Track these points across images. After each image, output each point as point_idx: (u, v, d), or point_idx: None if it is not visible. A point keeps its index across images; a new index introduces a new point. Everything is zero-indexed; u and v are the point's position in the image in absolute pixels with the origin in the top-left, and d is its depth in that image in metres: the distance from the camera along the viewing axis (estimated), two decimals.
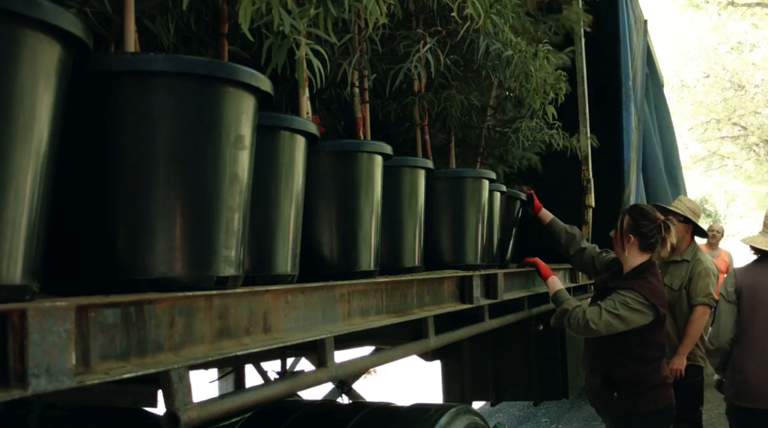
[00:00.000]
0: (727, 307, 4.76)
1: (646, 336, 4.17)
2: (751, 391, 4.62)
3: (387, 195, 2.96)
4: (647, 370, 4.22)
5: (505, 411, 10.24)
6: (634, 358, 4.21)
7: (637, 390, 4.22)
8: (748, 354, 4.64)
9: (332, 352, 2.35)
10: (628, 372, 4.22)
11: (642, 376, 4.22)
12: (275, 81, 2.10)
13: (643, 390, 4.21)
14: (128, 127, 1.69)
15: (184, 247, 1.72)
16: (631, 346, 4.19)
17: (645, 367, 4.21)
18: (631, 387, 4.22)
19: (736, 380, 4.62)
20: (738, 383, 4.65)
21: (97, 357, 1.45)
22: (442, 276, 3.24)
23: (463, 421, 3.42)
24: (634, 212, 4.27)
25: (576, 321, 4.08)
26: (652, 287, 4.15)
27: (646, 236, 4.19)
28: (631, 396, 4.22)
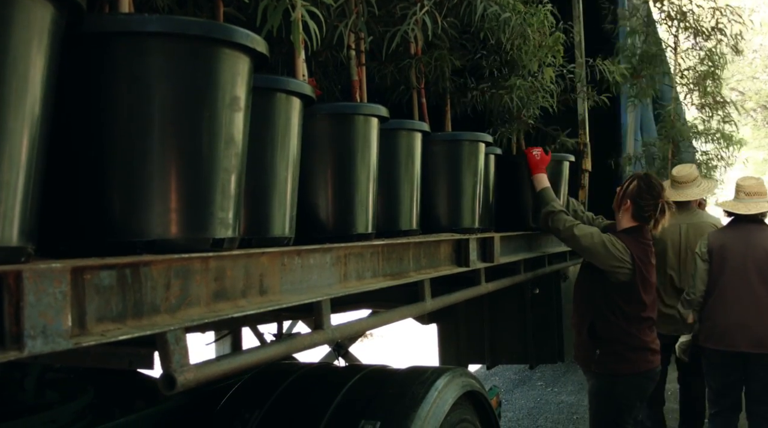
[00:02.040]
0: (701, 265, 5.49)
1: (632, 293, 4.23)
2: (718, 335, 5.38)
3: (383, 158, 2.95)
4: (631, 329, 4.25)
5: (500, 374, 10.31)
6: (619, 313, 4.26)
7: (618, 349, 4.27)
8: (717, 305, 5.36)
9: (329, 315, 2.35)
10: (612, 328, 4.29)
11: (625, 335, 4.25)
12: (271, 43, 2.09)
13: (624, 350, 4.25)
14: (123, 88, 1.67)
15: (180, 209, 1.71)
16: (616, 299, 4.26)
17: (630, 326, 4.25)
18: (613, 344, 4.29)
19: (707, 326, 5.32)
20: (708, 329, 5.38)
21: (93, 318, 1.46)
22: (438, 239, 3.24)
23: (459, 384, 3.44)
24: (642, 182, 4.31)
25: (561, 224, 4.36)
26: (634, 242, 4.22)
27: (642, 209, 4.26)
28: (612, 354, 4.28)
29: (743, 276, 5.39)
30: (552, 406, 8.80)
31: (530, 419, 8.28)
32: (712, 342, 5.36)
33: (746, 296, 5.36)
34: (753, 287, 5.38)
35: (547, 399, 9.14)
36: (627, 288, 4.21)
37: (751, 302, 5.36)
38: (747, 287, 5.38)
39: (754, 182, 5.65)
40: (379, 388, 3.27)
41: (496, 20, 3.65)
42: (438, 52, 3.82)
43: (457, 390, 3.38)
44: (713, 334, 5.36)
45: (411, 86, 3.73)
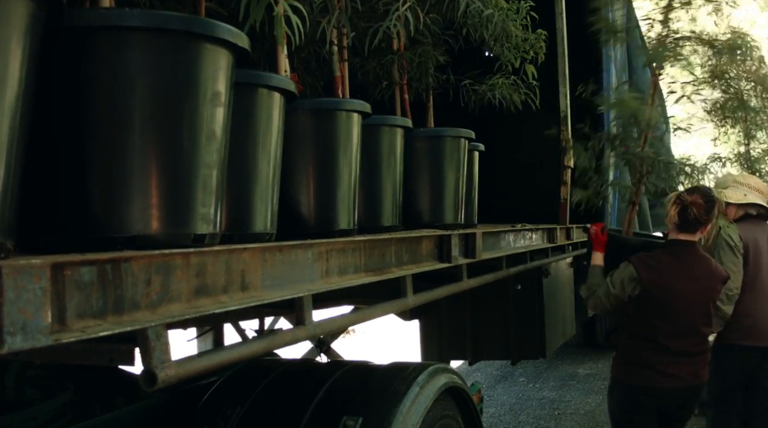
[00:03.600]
0: (738, 258, 5.18)
1: (639, 313, 4.17)
2: (759, 332, 5.18)
3: (365, 154, 2.95)
4: (632, 344, 4.22)
5: (482, 370, 10.32)
6: (627, 330, 4.25)
7: (619, 357, 4.28)
8: (756, 302, 5.13)
9: (310, 310, 2.34)
10: (620, 341, 4.30)
11: (630, 349, 4.22)
12: (253, 38, 2.08)
13: (626, 359, 4.24)
14: (103, 83, 1.67)
15: (161, 204, 1.71)
16: (625, 319, 4.26)
17: (635, 343, 4.20)
18: (619, 352, 4.33)
19: (746, 324, 5.00)
20: (747, 326, 5.08)
21: (74, 315, 1.44)
22: (420, 235, 3.24)
23: (441, 380, 3.44)
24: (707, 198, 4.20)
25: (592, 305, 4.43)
26: (650, 261, 4.18)
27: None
28: (615, 361, 4.32)
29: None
30: (534, 402, 8.83)
31: (512, 415, 8.30)
32: (752, 339, 5.19)
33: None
34: None
35: (529, 395, 9.16)
36: (635, 308, 4.19)
37: None
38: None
39: (758, 180, 5.71)
40: (361, 384, 3.27)
41: (479, 16, 3.65)
42: (421, 48, 3.82)
43: (438, 386, 3.38)
44: (754, 331, 5.19)
45: (393, 82, 3.73)
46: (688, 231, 4.13)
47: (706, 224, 4.14)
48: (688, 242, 4.15)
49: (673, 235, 4.21)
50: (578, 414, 8.26)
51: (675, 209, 4.11)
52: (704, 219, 4.07)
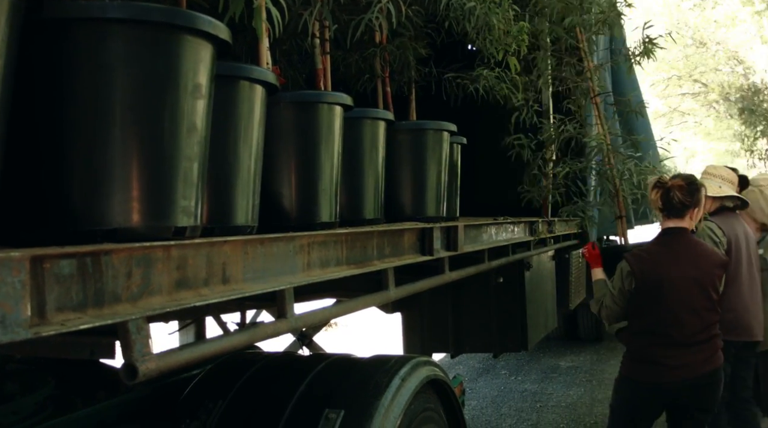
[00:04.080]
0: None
1: (641, 306, 4.20)
2: (743, 327, 5.25)
3: (347, 147, 2.95)
4: (636, 341, 4.24)
5: (464, 363, 10.35)
6: (630, 327, 4.28)
7: (629, 356, 4.29)
8: (738, 297, 5.17)
9: (292, 303, 2.34)
10: (626, 339, 4.35)
11: (635, 346, 4.24)
12: (234, 30, 2.08)
13: (633, 357, 4.25)
14: (83, 75, 1.65)
15: (142, 197, 1.70)
16: (629, 316, 4.30)
17: (639, 339, 4.23)
18: (627, 350, 4.34)
19: (727, 318, 4.90)
20: (730, 321, 5.02)
21: (53, 308, 1.44)
22: (402, 228, 3.24)
23: (423, 372, 3.44)
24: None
25: (603, 316, 4.45)
26: (642, 253, 4.22)
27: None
28: (624, 357, 4.34)
29: (749, 266, 5.47)
30: (516, 394, 8.86)
31: (494, 407, 8.33)
32: (734, 333, 5.19)
33: (753, 285, 5.46)
34: (755, 276, 5.50)
35: (511, 388, 9.19)
36: (634, 302, 4.21)
37: (755, 291, 5.46)
38: (752, 275, 5.48)
39: (730, 171, 5.74)
40: (343, 377, 3.27)
41: (461, 9, 3.65)
42: (403, 41, 3.81)
43: (420, 378, 3.38)
44: (737, 326, 5.25)
45: (375, 75, 3.73)
46: (675, 216, 4.17)
47: (693, 207, 4.16)
48: (678, 228, 4.18)
49: (663, 224, 4.25)
50: (560, 406, 8.29)
51: (656, 193, 4.16)
52: (688, 201, 4.12)
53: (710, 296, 4.14)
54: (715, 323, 4.19)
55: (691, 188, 4.13)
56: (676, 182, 4.15)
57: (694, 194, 4.14)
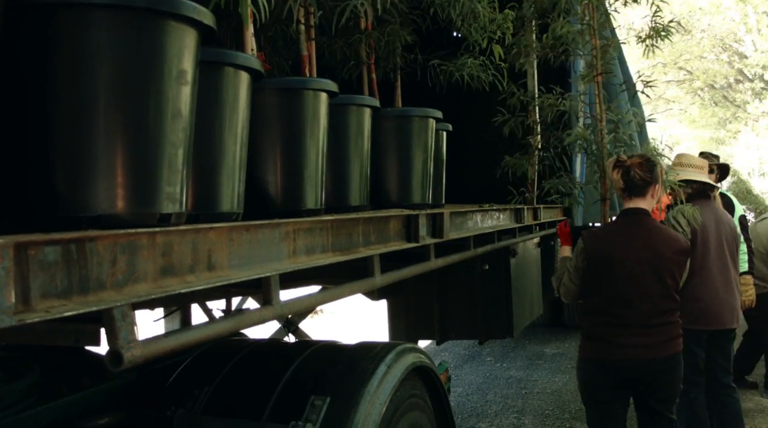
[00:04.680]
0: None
1: (591, 284, 4.24)
2: (711, 315, 5.37)
3: (333, 134, 2.95)
4: (587, 319, 4.28)
5: (450, 349, 10.39)
6: (584, 306, 4.31)
7: (583, 335, 4.34)
8: (704, 285, 5.26)
9: (277, 290, 2.34)
10: (581, 319, 4.40)
11: (587, 325, 4.28)
12: (220, 16, 2.07)
13: (585, 335, 4.29)
14: (67, 61, 1.64)
15: (126, 184, 1.69)
16: (582, 295, 4.33)
17: (590, 317, 4.26)
18: (581, 327, 4.39)
19: (696, 308, 5.09)
20: (698, 309, 5.19)
21: (38, 295, 1.43)
22: (388, 215, 3.25)
23: (408, 359, 3.45)
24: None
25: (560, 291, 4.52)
26: (599, 231, 4.26)
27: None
28: (581, 337, 4.37)
29: (721, 253, 5.53)
30: (501, 381, 8.89)
31: (479, 394, 8.36)
32: (701, 322, 5.32)
33: (725, 273, 5.52)
34: (727, 263, 5.55)
35: (497, 375, 9.23)
36: (585, 279, 4.25)
37: (727, 279, 5.52)
38: (724, 263, 5.53)
39: (697, 157, 5.79)
40: (329, 364, 3.28)
41: None
42: (389, 27, 3.80)
43: (406, 365, 3.39)
44: (704, 315, 5.34)
45: (361, 62, 3.72)
46: (637, 194, 4.21)
47: (653, 183, 4.19)
48: (638, 210, 4.21)
49: (626, 204, 4.27)
50: (545, 392, 8.33)
51: (617, 173, 4.20)
52: (648, 177, 4.17)
53: (665, 282, 4.14)
54: (671, 309, 4.19)
55: (649, 164, 4.20)
56: (634, 160, 4.21)
57: (653, 170, 4.19)
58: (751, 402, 7.71)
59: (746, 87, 32.55)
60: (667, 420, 4.26)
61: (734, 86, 33.62)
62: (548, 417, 7.50)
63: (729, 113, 33.67)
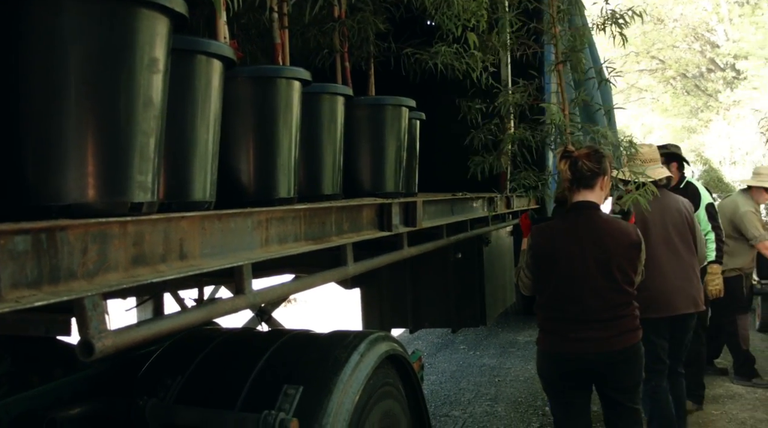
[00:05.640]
0: None
1: (538, 279, 4.27)
2: (661, 303, 5.44)
3: (306, 122, 2.94)
4: (540, 313, 4.31)
5: (423, 338, 10.42)
6: (537, 300, 4.32)
7: (538, 328, 4.36)
8: (652, 274, 5.07)
9: (250, 279, 2.34)
10: (536, 312, 4.38)
11: (540, 318, 4.31)
12: (192, 4, 2.05)
13: (540, 328, 4.32)
14: (36, 48, 1.63)
15: (97, 172, 1.68)
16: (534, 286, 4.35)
17: (542, 311, 4.29)
18: (538, 322, 4.40)
19: (645, 296, 4.91)
20: (647, 298, 5.02)
21: (8, 285, 1.42)
22: (361, 204, 3.25)
23: (382, 348, 3.46)
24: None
25: (518, 282, 4.48)
26: (545, 227, 4.28)
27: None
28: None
29: (669, 241, 5.58)
30: (474, 369, 8.93)
31: (453, 382, 8.39)
32: (653, 310, 5.33)
33: (675, 261, 5.57)
34: (678, 250, 5.61)
35: (470, 362, 9.27)
36: (533, 274, 4.28)
37: (679, 266, 5.58)
38: (674, 251, 5.59)
39: (648, 149, 5.82)
40: (302, 353, 3.28)
41: None
42: (361, 15, 3.79)
43: (379, 353, 3.40)
44: (654, 303, 5.35)
45: (334, 50, 3.71)
46: (585, 186, 4.19)
47: (602, 175, 4.18)
48: (586, 203, 4.19)
49: (574, 197, 4.23)
50: (518, 380, 8.38)
51: (565, 163, 4.17)
52: (597, 168, 4.15)
53: (613, 277, 4.10)
54: (623, 303, 4.16)
55: (597, 155, 4.17)
56: (582, 151, 4.20)
57: (601, 161, 4.17)
58: (721, 388, 7.79)
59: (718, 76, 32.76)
60: (629, 410, 4.25)
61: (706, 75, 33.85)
62: (521, 405, 7.55)
63: (701, 102, 33.91)
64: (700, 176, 22.33)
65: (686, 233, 5.69)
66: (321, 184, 3.16)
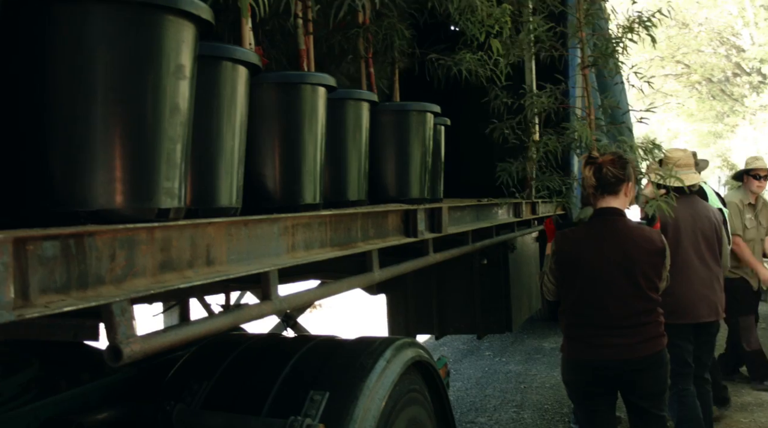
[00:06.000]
0: None
1: (562, 286, 4.25)
2: (684, 309, 5.41)
3: (331, 128, 2.95)
4: (564, 319, 4.27)
5: (449, 344, 10.39)
6: (562, 306, 4.29)
7: (563, 334, 4.33)
8: (678, 280, 5.11)
9: (276, 285, 2.34)
10: (560, 318, 4.36)
11: (564, 325, 4.27)
12: (217, 11, 2.07)
13: (564, 334, 4.27)
14: (65, 55, 1.64)
15: (125, 178, 1.69)
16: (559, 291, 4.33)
17: (567, 318, 4.25)
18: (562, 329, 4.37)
19: (669, 301, 4.89)
20: (671, 304, 5.00)
21: (37, 290, 1.43)
22: (386, 210, 3.24)
23: (407, 354, 3.45)
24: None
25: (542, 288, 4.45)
26: (570, 233, 4.25)
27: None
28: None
29: (697, 248, 5.56)
30: (500, 376, 8.90)
31: (478, 388, 8.36)
32: (677, 316, 5.31)
33: (702, 268, 5.55)
34: (705, 258, 5.59)
35: (495, 369, 9.23)
36: (556, 281, 4.26)
37: (706, 274, 5.56)
38: (701, 258, 5.57)
39: (682, 154, 5.78)
40: (328, 359, 3.27)
41: None
42: (387, 21, 3.80)
43: (405, 360, 3.39)
44: (678, 309, 5.33)
45: (359, 56, 3.71)
46: (609, 192, 4.16)
47: (626, 181, 4.16)
48: (610, 210, 4.16)
49: (598, 204, 4.21)
50: (544, 387, 8.34)
51: (589, 170, 4.15)
52: (621, 175, 4.13)
53: (638, 283, 4.06)
54: (647, 310, 4.12)
55: (622, 162, 4.15)
56: (607, 157, 4.17)
57: (625, 167, 4.14)
58: (749, 396, 7.71)
59: (744, 80, 32.55)
60: (655, 418, 4.21)
61: (732, 80, 33.63)
62: (547, 412, 7.51)
63: (727, 107, 33.69)
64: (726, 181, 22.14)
65: (714, 242, 5.67)
66: (346, 190, 3.16)
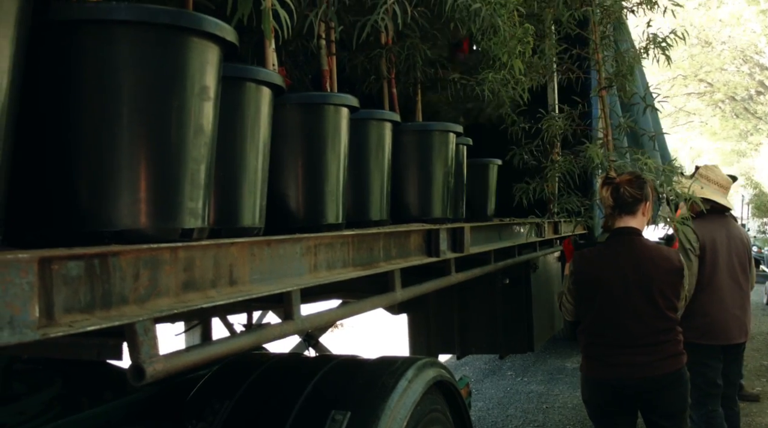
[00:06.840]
0: (694, 260, 5.37)
1: (580, 305, 4.23)
2: (718, 330, 5.36)
3: (353, 148, 2.95)
4: (582, 338, 4.24)
5: (470, 364, 10.36)
6: (580, 325, 4.27)
7: (582, 353, 4.29)
8: (713, 300, 5.24)
9: (298, 305, 2.35)
10: (579, 337, 4.32)
11: (583, 343, 4.22)
12: (241, 32, 2.08)
13: (583, 353, 4.23)
14: (91, 76, 1.66)
15: (149, 198, 1.70)
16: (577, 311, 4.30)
17: (585, 336, 4.21)
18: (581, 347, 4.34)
19: (703, 322, 5.08)
20: (705, 325, 5.20)
21: (61, 309, 1.44)
22: (408, 230, 3.25)
23: (429, 374, 3.45)
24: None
25: (561, 308, 4.43)
26: (587, 252, 4.24)
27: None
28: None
29: (732, 269, 5.52)
30: (522, 396, 8.85)
31: (500, 408, 8.33)
32: (709, 337, 5.31)
33: (735, 289, 5.51)
34: (738, 279, 5.55)
35: (517, 389, 9.19)
36: (575, 300, 4.24)
37: (739, 294, 5.52)
38: (735, 279, 5.53)
39: (727, 179, 5.75)
40: (350, 378, 3.27)
41: (467, 10, 3.64)
42: (409, 41, 3.81)
43: (427, 379, 3.39)
44: (712, 330, 5.33)
45: (381, 76, 3.73)
46: (627, 212, 4.16)
47: (643, 201, 4.15)
48: (628, 229, 4.15)
49: (616, 223, 4.20)
50: (566, 407, 8.29)
51: (607, 190, 4.15)
52: (639, 195, 4.12)
53: (656, 303, 4.03)
54: (666, 328, 4.08)
55: (639, 182, 4.14)
56: (624, 177, 4.17)
57: (643, 187, 4.14)
58: None
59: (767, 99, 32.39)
60: None
61: (755, 98, 33.48)
62: None
63: (750, 125, 33.56)
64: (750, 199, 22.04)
65: (746, 263, 5.64)
66: (369, 210, 3.17)
